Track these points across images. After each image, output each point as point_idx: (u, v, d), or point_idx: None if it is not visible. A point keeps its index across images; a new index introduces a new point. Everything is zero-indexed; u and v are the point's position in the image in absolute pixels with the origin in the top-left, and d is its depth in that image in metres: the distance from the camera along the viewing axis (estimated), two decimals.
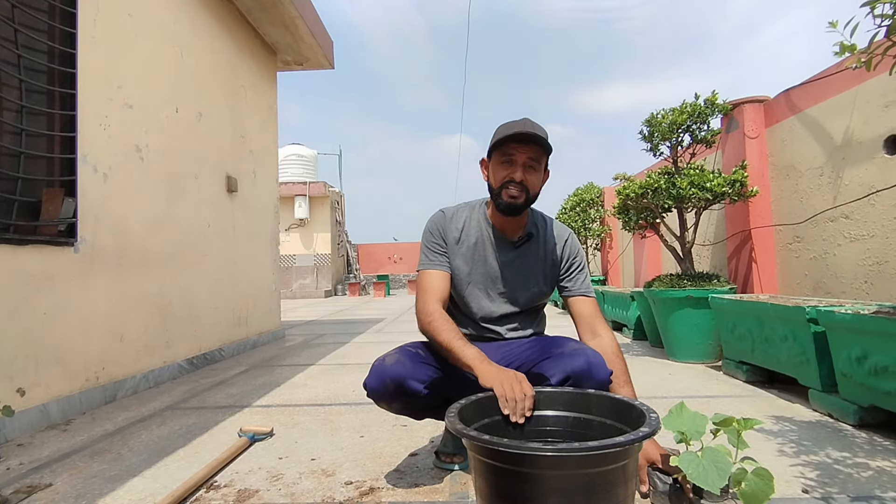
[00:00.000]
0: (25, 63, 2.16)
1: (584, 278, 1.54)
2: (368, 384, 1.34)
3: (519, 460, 0.87)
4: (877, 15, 1.21)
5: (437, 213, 1.57)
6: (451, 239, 1.52)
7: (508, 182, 1.40)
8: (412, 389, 1.30)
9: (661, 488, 1.19)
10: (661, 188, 3.27)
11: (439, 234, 1.52)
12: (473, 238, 1.52)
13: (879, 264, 2.66)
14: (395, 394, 1.32)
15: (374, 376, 1.33)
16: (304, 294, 12.70)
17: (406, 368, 1.31)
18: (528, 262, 1.52)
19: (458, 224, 1.53)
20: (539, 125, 1.40)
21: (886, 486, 1.34)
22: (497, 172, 1.43)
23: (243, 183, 4.18)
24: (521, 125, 1.37)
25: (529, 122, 1.39)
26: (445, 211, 1.57)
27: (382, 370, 1.32)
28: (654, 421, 0.96)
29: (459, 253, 1.51)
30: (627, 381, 1.35)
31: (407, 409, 1.41)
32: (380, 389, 1.33)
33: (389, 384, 1.30)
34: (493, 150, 1.43)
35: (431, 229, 1.54)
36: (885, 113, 2.61)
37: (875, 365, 1.72)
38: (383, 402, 1.37)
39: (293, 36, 4.66)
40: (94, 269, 2.46)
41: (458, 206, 1.60)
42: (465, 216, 1.55)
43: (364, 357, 3.65)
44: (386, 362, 1.34)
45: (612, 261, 7.05)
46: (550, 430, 1.16)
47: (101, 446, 1.86)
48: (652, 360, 3.25)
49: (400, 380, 1.29)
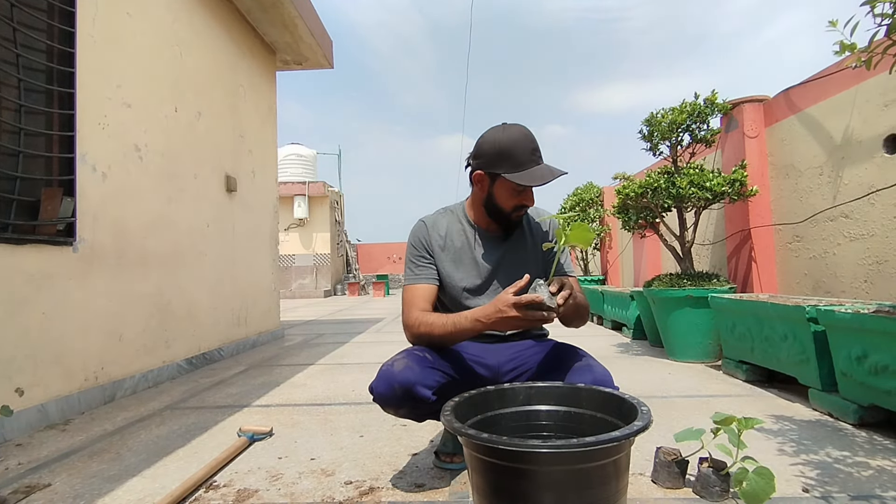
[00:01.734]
0: (24, 62, 2.16)
1: (566, 258, 1.53)
2: (376, 389, 1.31)
3: (515, 457, 0.88)
4: (877, 14, 1.21)
5: (417, 224, 1.57)
6: (437, 247, 1.51)
7: (521, 207, 1.43)
8: (421, 396, 1.27)
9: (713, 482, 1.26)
10: (661, 187, 3.26)
11: (422, 246, 1.52)
12: (459, 242, 1.51)
13: (879, 263, 2.66)
14: (403, 399, 1.29)
15: (383, 381, 1.30)
16: (303, 294, 12.70)
17: (415, 374, 1.28)
18: (519, 253, 1.51)
19: (441, 231, 1.53)
20: (532, 136, 1.40)
21: (887, 485, 1.34)
22: (508, 199, 1.42)
23: (242, 182, 4.17)
24: (538, 158, 1.37)
25: (534, 139, 1.39)
26: (426, 220, 1.56)
27: (391, 375, 1.29)
28: (646, 414, 0.97)
29: (447, 259, 1.50)
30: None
31: (412, 414, 1.39)
32: (387, 395, 1.29)
33: (398, 390, 1.27)
34: (510, 178, 1.37)
35: (414, 242, 1.54)
36: (884, 112, 2.61)
37: (875, 364, 1.72)
38: (390, 408, 1.34)
39: (292, 35, 4.66)
40: (93, 268, 2.45)
41: (436, 214, 1.59)
42: (447, 222, 1.55)
43: (363, 357, 3.65)
44: (395, 367, 1.30)
45: (611, 260, 7.05)
46: (543, 424, 1.17)
47: (99, 446, 1.85)
48: (651, 360, 3.25)
49: (409, 386, 1.27)
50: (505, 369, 1.45)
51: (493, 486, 0.94)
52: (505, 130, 1.40)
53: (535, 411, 1.18)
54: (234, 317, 3.99)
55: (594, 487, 0.90)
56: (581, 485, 0.89)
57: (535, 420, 1.17)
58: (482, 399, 1.15)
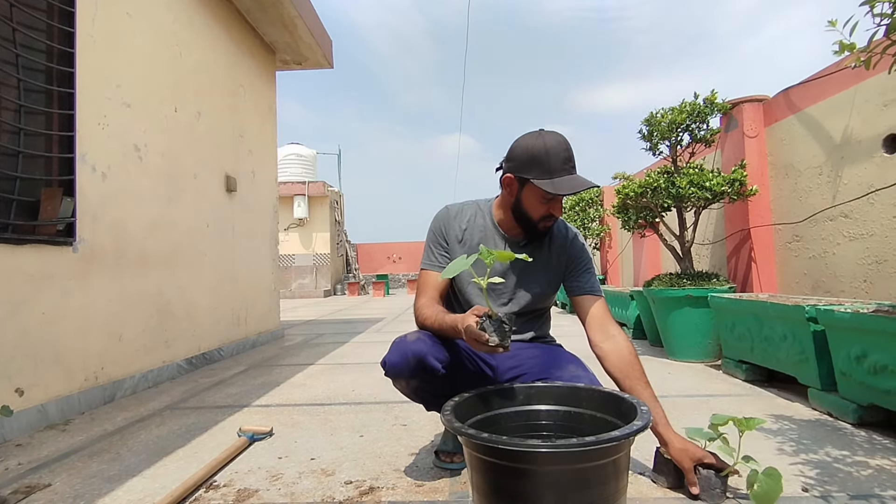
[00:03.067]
0: (24, 62, 2.16)
1: (591, 277, 1.52)
2: (389, 360, 1.34)
3: (515, 457, 0.88)
4: (876, 14, 1.21)
5: (441, 210, 1.57)
6: (453, 237, 1.52)
7: (549, 217, 1.42)
8: (431, 366, 1.30)
9: (714, 484, 1.25)
10: (661, 187, 3.27)
11: (441, 233, 1.53)
12: (478, 238, 1.52)
13: (878, 263, 2.66)
14: (415, 370, 1.31)
15: (396, 352, 1.33)
16: (303, 294, 12.69)
17: (426, 346, 1.32)
18: (533, 263, 1.51)
19: (462, 223, 1.53)
20: (568, 143, 1.39)
21: (886, 484, 1.34)
22: (536, 206, 1.41)
23: (242, 182, 4.17)
24: (570, 168, 1.36)
25: (569, 147, 1.38)
26: (450, 207, 1.57)
27: (404, 346, 1.32)
28: (646, 414, 0.97)
29: (461, 253, 1.50)
30: (647, 384, 1.34)
31: (422, 391, 1.39)
32: (400, 364, 1.32)
33: (412, 359, 1.30)
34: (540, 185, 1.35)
35: (434, 228, 1.55)
36: (884, 112, 2.61)
37: (874, 364, 1.72)
38: (402, 379, 1.36)
39: (292, 35, 4.66)
40: (93, 268, 2.45)
41: (464, 203, 1.59)
42: (471, 214, 1.55)
43: (364, 357, 3.65)
44: (408, 339, 1.34)
45: (611, 260, 7.05)
46: (543, 424, 1.17)
47: (99, 446, 1.85)
48: (651, 360, 3.25)
49: (421, 356, 1.29)
50: (504, 367, 1.46)
51: (493, 486, 0.94)
52: (540, 136, 1.38)
53: (535, 411, 1.18)
54: (234, 317, 3.99)
55: (594, 487, 0.90)
56: (581, 484, 0.89)
57: (535, 420, 1.18)
58: (482, 399, 1.16)
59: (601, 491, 0.90)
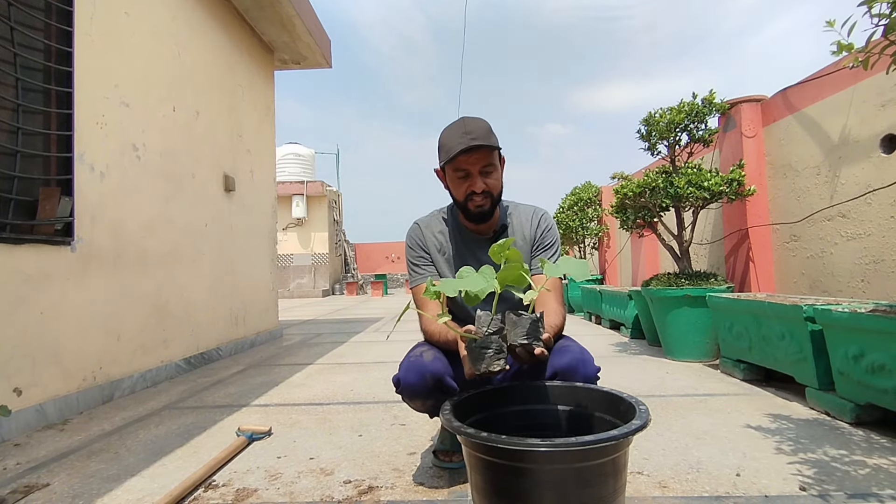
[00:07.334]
0: (22, 61, 2.15)
1: (551, 256, 1.51)
2: (405, 380, 1.31)
3: (514, 456, 0.88)
4: (874, 14, 1.22)
5: (412, 227, 1.59)
6: (433, 248, 1.54)
7: (471, 194, 1.40)
8: (449, 386, 1.29)
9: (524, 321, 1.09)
10: (659, 187, 3.27)
11: (419, 247, 1.55)
12: (452, 244, 1.54)
13: (876, 263, 2.66)
14: (433, 389, 1.29)
15: (414, 372, 1.30)
16: (301, 293, 12.68)
17: (444, 365, 1.31)
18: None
19: (435, 233, 1.56)
20: (479, 122, 1.38)
21: (883, 483, 1.35)
22: (457, 187, 1.42)
23: (241, 182, 4.17)
24: (465, 138, 1.34)
25: (471, 125, 1.36)
26: (420, 222, 1.59)
27: (422, 366, 1.30)
28: (644, 413, 0.97)
29: (443, 260, 1.53)
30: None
31: (434, 408, 1.38)
32: (418, 385, 1.30)
33: (430, 379, 1.28)
34: (446, 163, 1.40)
35: (411, 244, 1.57)
36: (881, 112, 2.61)
37: (872, 363, 1.73)
38: (418, 399, 1.34)
39: (290, 35, 4.66)
40: (91, 268, 2.45)
41: (430, 215, 1.61)
42: (440, 223, 1.57)
43: (362, 356, 3.65)
44: (424, 358, 1.32)
45: (609, 260, 7.06)
46: (542, 423, 1.18)
47: (98, 446, 1.85)
48: (650, 359, 3.25)
49: (440, 376, 1.28)
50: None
51: (492, 485, 0.94)
52: (449, 124, 1.42)
53: (534, 410, 1.18)
54: (233, 316, 3.98)
55: (592, 486, 0.90)
56: (579, 483, 0.90)
57: (534, 419, 1.18)
58: (481, 398, 1.16)
59: (600, 490, 0.90)
